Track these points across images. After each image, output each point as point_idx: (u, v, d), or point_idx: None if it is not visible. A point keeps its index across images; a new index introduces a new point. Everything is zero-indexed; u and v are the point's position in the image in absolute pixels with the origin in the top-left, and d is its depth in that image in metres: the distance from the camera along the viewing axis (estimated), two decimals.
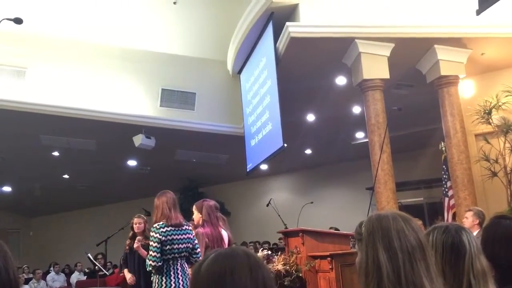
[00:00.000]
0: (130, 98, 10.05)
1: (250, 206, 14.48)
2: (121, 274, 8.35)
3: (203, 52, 10.56)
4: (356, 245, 1.41)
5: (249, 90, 9.55)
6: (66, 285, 11.28)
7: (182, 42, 10.59)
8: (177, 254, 3.99)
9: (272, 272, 5.52)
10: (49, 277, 11.39)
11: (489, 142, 7.57)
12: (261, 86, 8.55)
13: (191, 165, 12.32)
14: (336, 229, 8.42)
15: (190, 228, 4.15)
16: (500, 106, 7.49)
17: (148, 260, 3.93)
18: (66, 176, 13.23)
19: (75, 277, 10.82)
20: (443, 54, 7.39)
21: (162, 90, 10.30)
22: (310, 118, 10.14)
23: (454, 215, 7.41)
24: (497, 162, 7.41)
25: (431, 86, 7.68)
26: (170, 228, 3.96)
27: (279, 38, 7.51)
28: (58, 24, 9.72)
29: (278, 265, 5.71)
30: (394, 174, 7.11)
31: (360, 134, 11.29)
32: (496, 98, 7.52)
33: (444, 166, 7.83)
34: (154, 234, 3.93)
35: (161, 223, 3.97)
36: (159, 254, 3.90)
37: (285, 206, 9.82)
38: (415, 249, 1.29)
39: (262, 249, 7.33)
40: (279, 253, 6.45)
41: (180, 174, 12.86)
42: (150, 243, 3.94)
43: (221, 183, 14.42)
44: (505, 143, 7.35)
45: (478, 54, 7.60)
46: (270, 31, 7.82)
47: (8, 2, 8.85)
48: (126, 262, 5.84)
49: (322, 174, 13.82)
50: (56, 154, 11.35)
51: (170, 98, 10.34)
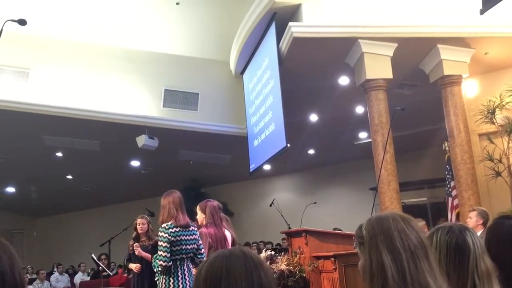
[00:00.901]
0: (133, 99, 10.07)
1: (253, 207, 14.48)
2: (124, 275, 8.36)
3: (206, 52, 10.56)
4: (357, 248, 1.40)
5: (252, 91, 9.55)
6: (69, 285, 11.31)
7: (185, 42, 10.59)
8: (184, 255, 3.98)
9: (274, 272, 5.52)
10: (52, 277, 11.43)
11: (492, 142, 7.55)
12: (264, 86, 8.55)
13: (194, 165, 12.33)
14: (339, 229, 8.41)
15: (195, 228, 4.15)
16: (503, 105, 7.46)
17: (157, 260, 3.89)
18: (69, 176, 13.26)
19: (79, 277, 10.84)
20: (447, 53, 7.38)
21: (165, 90, 10.32)
22: (313, 118, 10.13)
23: (457, 215, 7.40)
24: (501, 161, 7.38)
25: (435, 85, 7.67)
26: (179, 228, 3.94)
27: (282, 38, 7.51)
28: (61, 25, 9.74)
29: (281, 265, 5.71)
30: (398, 174, 7.10)
31: (363, 134, 11.27)
32: (499, 97, 7.50)
33: (447, 166, 7.82)
34: (163, 234, 3.90)
35: (169, 224, 3.94)
36: (169, 254, 3.88)
37: (288, 207, 9.82)
38: (417, 247, 1.29)
39: (265, 249, 7.33)
40: (283, 253, 6.45)
41: (183, 175, 12.87)
42: (160, 243, 3.91)
43: (224, 184, 14.43)
44: (508, 143, 7.32)
45: (482, 54, 7.58)
46: (272, 31, 7.82)
47: (12, 4, 8.87)
48: (130, 259, 5.86)
49: (325, 174, 13.81)
50: (59, 154, 11.37)
51: (173, 98, 10.35)
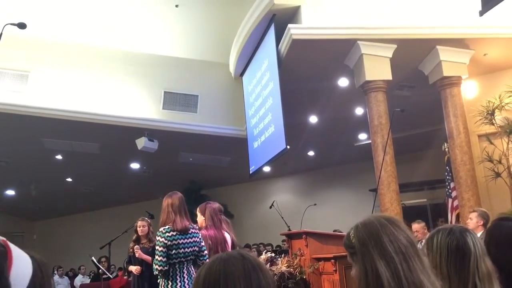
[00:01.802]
0: (133, 101, 10.07)
1: (253, 208, 14.47)
2: (125, 277, 8.35)
3: (205, 54, 10.57)
4: (349, 258, 1.38)
5: (251, 92, 9.55)
6: None
7: (184, 45, 10.60)
8: (183, 258, 3.95)
9: (275, 274, 5.51)
10: (53, 280, 11.41)
11: (492, 143, 7.55)
12: (263, 88, 8.55)
13: (194, 167, 12.33)
14: (339, 231, 8.41)
15: (196, 231, 4.11)
16: (503, 106, 7.47)
17: (154, 264, 3.90)
18: (69, 179, 13.25)
19: (79, 280, 10.84)
20: (446, 55, 7.39)
21: (165, 93, 10.32)
22: (313, 120, 10.13)
23: (457, 216, 7.39)
24: (500, 162, 7.38)
25: (434, 87, 7.67)
26: (176, 232, 3.92)
27: (281, 40, 7.52)
28: (61, 28, 9.75)
29: (281, 267, 5.70)
30: (397, 176, 7.09)
31: (363, 136, 11.27)
32: (499, 98, 7.50)
33: (447, 167, 7.81)
34: (160, 238, 3.90)
35: (166, 227, 3.93)
36: (165, 258, 3.86)
37: (288, 208, 9.83)
38: (407, 247, 1.30)
39: (265, 251, 7.32)
40: (283, 255, 6.44)
41: (183, 177, 12.86)
42: (156, 248, 3.90)
43: (224, 186, 14.42)
44: (508, 144, 7.32)
45: (481, 55, 7.59)
46: (272, 33, 7.83)
47: (11, 7, 8.88)
48: (130, 262, 5.85)
49: (325, 176, 13.81)
50: (59, 157, 11.37)
51: (172, 100, 10.36)
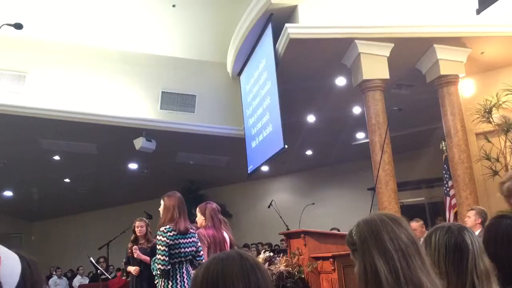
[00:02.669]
0: (130, 101, 10.05)
1: (251, 208, 14.46)
2: (123, 278, 8.34)
3: (203, 54, 10.56)
4: (352, 256, 1.40)
5: (249, 92, 9.55)
6: None
7: (182, 44, 10.58)
8: (183, 258, 3.98)
9: (273, 273, 5.51)
10: (51, 281, 11.39)
11: (490, 141, 7.57)
12: (261, 88, 8.55)
13: (192, 167, 12.32)
14: (337, 229, 8.42)
15: (193, 231, 4.15)
16: (500, 104, 7.49)
17: (156, 263, 3.89)
18: (67, 180, 13.22)
19: (78, 281, 10.82)
20: (443, 53, 7.39)
21: (162, 92, 10.31)
22: (311, 119, 10.13)
23: (455, 215, 7.41)
24: (498, 160, 7.40)
25: (431, 85, 7.68)
26: (177, 232, 3.95)
27: (279, 40, 7.51)
28: (57, 28, 9.72)
29: (280, 266, 5.70)
30: (395, 174, 7.10)
31: (360, 135, 11.28)
32: (496, 97, 7.52)
33: (445, 166, 7.83)
34: (161, 237, 3.90)
35: (167, 227, 3.94)
36: (168, 258, 3.87)
37: (286, 208, 9.82)
38: (408, 245, 1.30)
39: (264, 250, 7.32)
40: (281, 254, 6.44)
41: (181, 176, 12.84)
42: (158, 247, 3.91)
43: (222, 185, 14.41)
44: (505, 142, 7.34)
45: (478, 53, 7.60)
46: (269, 33, 7.82)
47: (8, 7, 8.85)
48: (128, 262, 5.84)
49: (323, 175, 13.81)
50: (57, 158, 11.35)
51: (170, 100, 10.34)
